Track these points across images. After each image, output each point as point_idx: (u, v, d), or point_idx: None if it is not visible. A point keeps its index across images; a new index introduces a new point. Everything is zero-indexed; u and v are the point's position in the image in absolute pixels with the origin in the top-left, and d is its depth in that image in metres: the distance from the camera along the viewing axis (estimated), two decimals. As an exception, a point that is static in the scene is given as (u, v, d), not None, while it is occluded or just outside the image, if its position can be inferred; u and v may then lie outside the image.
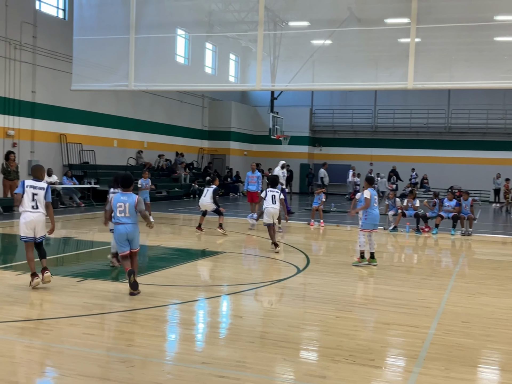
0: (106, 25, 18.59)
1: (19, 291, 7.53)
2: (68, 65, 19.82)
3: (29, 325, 5.98)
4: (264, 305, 7.58)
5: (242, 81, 27.50)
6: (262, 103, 35.40)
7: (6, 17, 19.92)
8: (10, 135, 20.48)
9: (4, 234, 14.06)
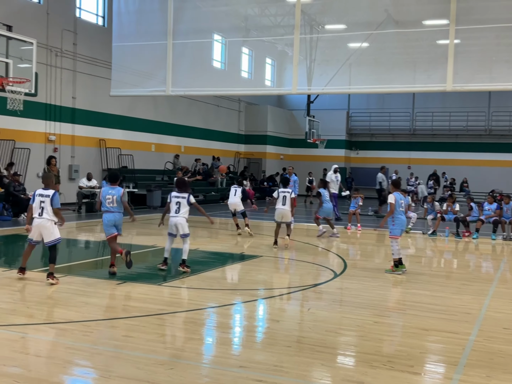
0: (144, 31, 18.90)
1: (59, 294, 7.69)
2: (107, 71, 20.22)
3: (70, 327, 6.10)
4: (301, 310, 7.56)
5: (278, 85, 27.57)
6: (298, 107, 35.34)
7: (48, 25, 20.42)
8: (51, 141, 20.97)
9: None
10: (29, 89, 12.46)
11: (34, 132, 20.23)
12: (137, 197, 22.56)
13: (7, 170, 17.57)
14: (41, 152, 20.38)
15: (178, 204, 9.40)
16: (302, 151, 36.44)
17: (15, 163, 18.55)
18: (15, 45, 12.67)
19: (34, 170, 19.78)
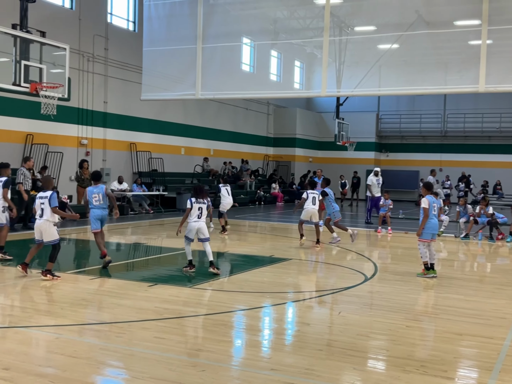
0: (174, 35, 19.06)
1: (93, 295, 7.80)
2: (138, 75, 20.45)
3: (103, 328, 6.18)
4: (331, 313, 7.52)
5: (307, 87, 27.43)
6: (328, 109, 35.21)
7: (80, 31, 20.76)
8: (83, 144, 21.30)
9: (78, 239, 14.60)
10: (62, 94, 12.65)
11: (66, 136, 20.58)
12: (167, 200, 22.74)
13: (40, 173, 17.89)
14: (73, 155, 20.72)
15: (201, 209, 9.55)
16: (331, 153, 36.29)
17: (48, 166, 18.89)
18: (48, 51, 12.88)
19: (67, 174, 20.12)
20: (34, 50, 12.48)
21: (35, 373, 4.84)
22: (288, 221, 20.49)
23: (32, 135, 18.99)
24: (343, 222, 15.36)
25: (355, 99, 31.03)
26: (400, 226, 18.19)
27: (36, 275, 9.01)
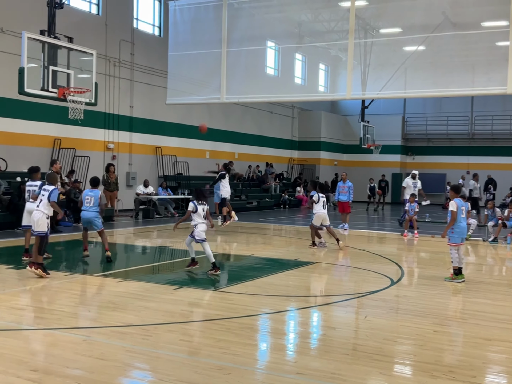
0: (199, 40, 19.18)
1: (119, 298, 7.87)
2: (163, 80, 20.63)
3: (130, 331, 6.23)
4: (357, 317, 7.46)
5: (332, 90, 27.42)
6: (353, 112, 35.03)
7: (106, 36, 21.03)
8: (110, 149, 21.54)
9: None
10: (89, 99, 12.82)
11: (93, 140, 20.84)
12: (192, 203, 22.81)
13: (68, 177, 18.15)
14: (100, 159, 20.96)
15: (204, 211, 9.99)
16: (356, 156, 36.09)
17: (75, 170, 19.14)
18: (75, 56, 13.08)
19: (93, 177, 20.33)
20: (61, 55, 12.68)
21: (63, 374, 4.89)
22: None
23: (60, 139, 19.27)
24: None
25: (380, 101, 30.87)
26: (427, 230, 17.99)
27: (64, 277, 9.12)
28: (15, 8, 17.74)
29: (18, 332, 6.19)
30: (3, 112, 17.61)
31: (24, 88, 11.52)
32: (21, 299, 7.67)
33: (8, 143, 17.75)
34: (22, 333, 6.11)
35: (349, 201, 18.51)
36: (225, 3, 18.20)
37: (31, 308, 7.27)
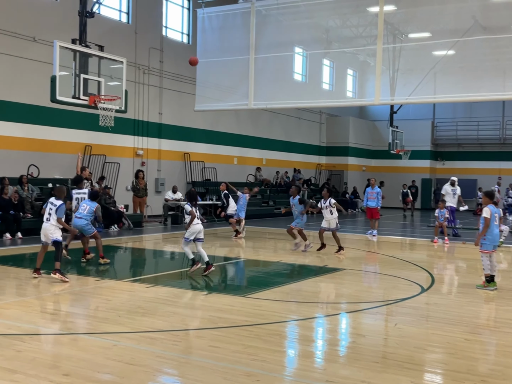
0: (227, 47, 19.31)
1: (149, 303, 7.93)
2: (192, 87, 20.80)
3: (159, 336, 6.27)
4: (387, 325, 7.38)
5: (360, 96, 27.26)
6: (381, 117, 34.80)
7: (136, 44, 21.31)
8: (139, 155, 21.78)
9: (134, 248, 14.91)
10: (119, 106, 12.99)
11: (123, 147, 21.10)
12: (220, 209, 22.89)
13: (98, 183, 18.39)
14: (129, 166, 21.22)
15: (197, 213, 10.31)
16: (385, 162, 35.80)
17: (105, 177, 19.39)
18: (105, 64, 13.28)
19: (123, 184, 20.60)
20: (92, 63, 12.88)
21: (94, 379, 4.95)
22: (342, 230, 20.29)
23: (90, 146, 19.57)
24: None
25: (409, 106, 30.60)
26: (458, 237, 17.73)
27: (94, 282, 9.24)
28: (47, 17, 18.11)
29: (50, 336, 6.28)
30: (36, 120, 17.96)
31: (56, 96, 11.72)
32: (52, 304, 7.79)
33: (40, 150, 18.10)
34: (53, 338, 6.21)
35: (377, 207, 18.36)
36: (253, 10, 18.30)
37: (62, 313, 7.37)
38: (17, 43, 17.28)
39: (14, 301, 7.84)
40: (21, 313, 7.13)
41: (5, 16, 16.99)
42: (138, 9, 21.54)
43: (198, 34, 19.88)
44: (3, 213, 14.71)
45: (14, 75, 17.36)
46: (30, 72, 17.59)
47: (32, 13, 17.78)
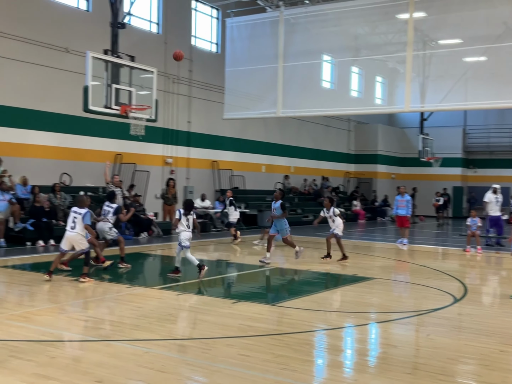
0: (255, 55, 19.41)
1: (179, 311, 7.98)
2: (220, 95, 20.94)
3: (189, 344, 6.30)
4: (418, 335, 7.29)
5: (389, 103, 26.98)
6: (411, 125, 34.47)
7: (165, 54, 21.53)
8: (168, 163, 21.98)
9: (163, 256, 15.01)
10: (150, 115, 13.14)
11: (153, 155, 21.33)
12: (248, 217, 22.97)
13: (128, 191, 18.62)
14: (159, 174, 21.42)
15: (188, 221, 10.58)
16: (415, 170, 35.42)
17: (135, 185, 19.61)
18: (136, 74, 13.46)
19: (153, 192, 20.81)
20: (123, 73, 13.07)
21: (125, 386, 4.99)
22: (371, 239, 20.14)
23: (121, 154, 19.82)
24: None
25: (440, 113, 30.22)
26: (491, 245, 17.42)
27: (125, 289, 9.33)
28: (79, 28, 18.45)
29: (83, 343, 6.36)
30: (68, 129, 18.28)
31: (89, 105, 11.92)
32: (84, 311, 7.89)
33: (73, 159, 18.40)
34: (86, 344, 6.28)
35: (407, 215, 18.16)
36: (282, 19, 18.37)
37: (94, 319, 7.46)
38: (50, 54, 17.63)
39: (46, 307, 7.97)
40: (53, 320, 7.24)
41: (39, 28, 17.37)
42: (168, 19, 21.80)
43: (227, 43, 20.04)
44: (36, 221, 14.98)
45: (48, 85, 17.71)
46: (63, 82, 17.93)
47: (65, 24, 18.14)
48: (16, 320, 7.10)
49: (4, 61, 16.48)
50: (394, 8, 17.06)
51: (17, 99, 16.93)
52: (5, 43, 16.44)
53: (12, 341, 6.16)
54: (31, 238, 14.84)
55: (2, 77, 16.52)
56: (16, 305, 7.91)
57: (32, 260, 12.84)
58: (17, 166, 16.48)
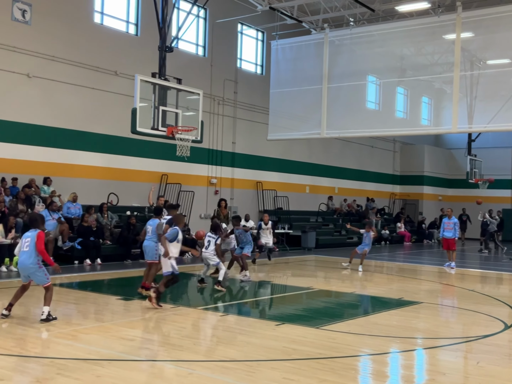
0: (300, 77, 19.52)
1: (222, 332, 7.97)
2: (264, 116, 21.10)
3: (233, 366, 6.27)
4: (468, 363, 7.06)
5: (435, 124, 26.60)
6: (458, 146, 33.82)
7: (211, 76, 21.89)
8: (213, 183, 22.18)
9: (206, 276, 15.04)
10: (195, 136, 13.30)
11: (197, 176, 21.57)
12: (292, 238, 22.90)
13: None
14: (203, 194, 21.62)
15: (209, 242, 11.72)
16: (462, 191, 34.63)
17: (180, 205, 19.82)
18: (182, 96, 13.68)
19: (197, 212, 20.99)
20: (170, 95, 13.30)
21: (170, 406, 4.99)
22: (417, 261, 19.74)
23: (166, 175, 20.12)
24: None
25: (488, 134, 29.57)
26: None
27: (170, 309, 9.39)
28: (128, 52, 18.95)
29: (128, 362, 6.41)
30: (116, 150, 18.69)
31: (137, 127, 12.16)
32: (129, 330, 7.97)
33: (120, 179, 18.77)
34: (131, 364, 6.33)
35: (455, 238, 17.76)
36: (327, 40, 18.45)
37: (139, 339, 7.52)
38: (100, 77, 18.15)
39: (93, 326, 8.08)
40: (99, 338, 7.34)
41: (89, 52, 17.92)
42: (214, 42, 22.17)
43: (272, 65, 20.23)
44: (84, 240, 15.30)
45: (96, 108, 18.20)
46: (111, 105, 18.40)
47: (115, 48, 18.66)
48: (63, 338, 7.23)
49: (56, 84, 17.04)
50: (441, 28, 16.92)
51: (68, 121, 17.45)
52: (57, 66, 17.03)
53: (59, 358, 6.27)
54: (79, 256, 15.16)
55: (54, 99, 17.08)
56: (64, 323, 8.05)
57: (79, 278, 13.10)
58: (66, 186, 16.92)
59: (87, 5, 17.98)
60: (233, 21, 22.67)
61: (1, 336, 7.38)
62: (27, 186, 15.81)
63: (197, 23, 21.68)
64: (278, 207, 24.38)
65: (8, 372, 5.77)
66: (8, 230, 13.68)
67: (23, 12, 16.23)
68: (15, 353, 6.48)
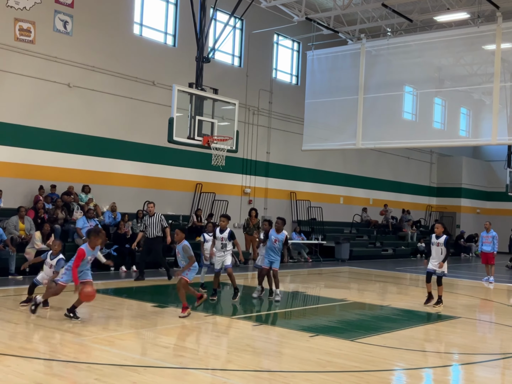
0: (335, 87, 19.46)
1: (256, 342, 7.95)
2: (299, 126, 21.10)
3: (268, 376, 6.25)
4: (507, 379, 6.88)
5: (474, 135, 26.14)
6: (497, 158, 33.17)
7: (247, 86, 22.02)
8: (246, 193, 22.24)
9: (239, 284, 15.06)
10: (230, 146, 13.40)
11: (232, 185, 21.67)
12: (325, 249, 22.78)
13: (207, 220, 18.92)
14: (237, 204, 21.70)
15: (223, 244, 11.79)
16: (501, 205, 33.93)
17: (214, 214, 19.93)
18: (218, 105, 13.81)
19: (231, 221, 21.00)
20: (206, 105, 13.44)
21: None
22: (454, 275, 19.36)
23: (201, 184, 20.27)
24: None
25: (528, 146, 28.94)
26: None
27: (203, 318, 9.42)
28: (165, 63, 19.23)
29: (163, 369, 6.45)
30: (152, 159, 18.94)
31: (173, 136, 12.31)
32: (164, 337, 8.02)
33: (156, 187, 18.99)
34: (166, 371, 6.36)
35: (493, 252, 17.38)
36: (363, 51, 18.38)
37: (174, 346, 7.57)
38: (138, 87, 18.44)
39: (129, 332, 8.17)
40: (135, 345, 7.41)
41: (127, 62, 18.25)
42: (250, 53, 22.32)
43: (307, 75, 20.23)
44: (119, 247, 15.49)
45: (134, 117, 18.49)
46: (149, 114, 18.67)
47: (153, 59, 18.96)
48: (100, 343, 7.32)
49: (96, 93, 17.39)
50: (480, 39, 16.67)
51: (106, 130, 17.77)
52: (97, 77, 17.38)
53: (96, 364, 6.35)
54: (115, 263, 15.31)
55: (93, 109, 17.42)
56: (100, 329, 8.16)
57: (115, 285, 13.26)
58: (104, 194, 17.22)
59: (126, 16, 18.33)
60: (269, 32, 22.80)
61: (39, 340, 7.52)
62: (66, 194, 16.13)
63: (233, 34, 21.87)
64: (312, 217, 24.28)
65: (47, 377, 5.87)
66: (46, 237, 13.96)
67: (64, 23, 16.65)
68: (53, 358, 6.60)
